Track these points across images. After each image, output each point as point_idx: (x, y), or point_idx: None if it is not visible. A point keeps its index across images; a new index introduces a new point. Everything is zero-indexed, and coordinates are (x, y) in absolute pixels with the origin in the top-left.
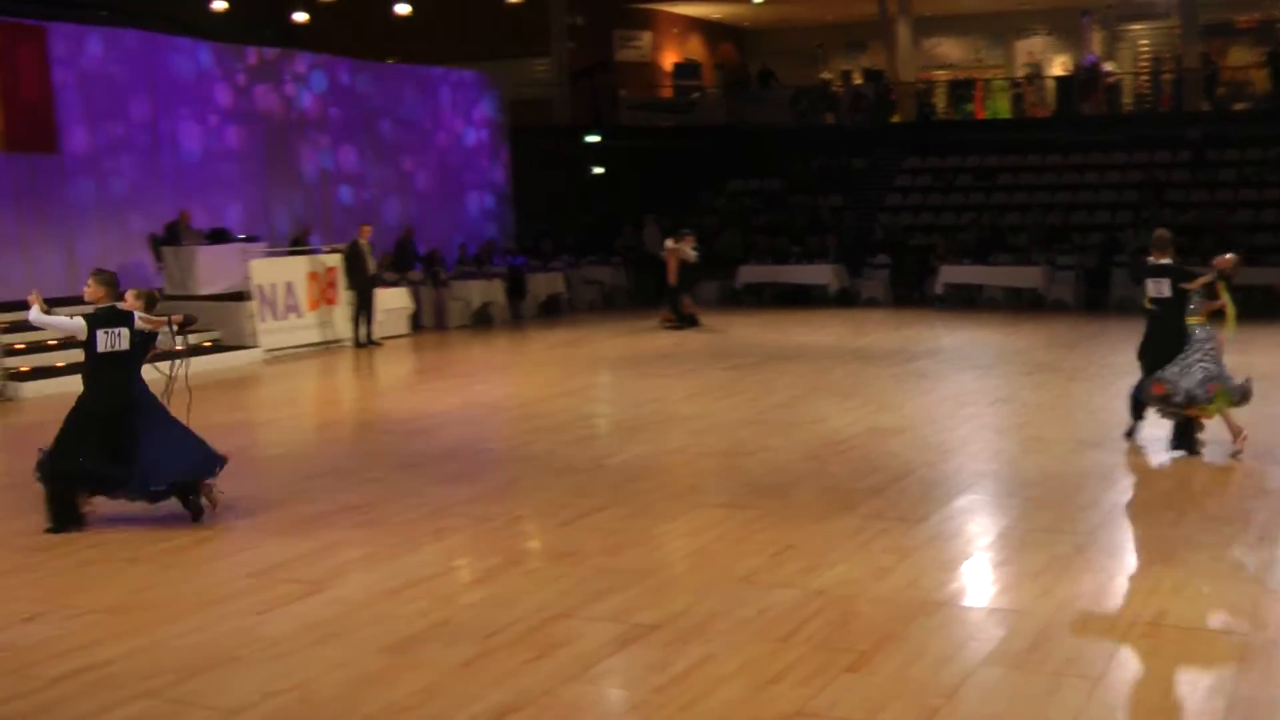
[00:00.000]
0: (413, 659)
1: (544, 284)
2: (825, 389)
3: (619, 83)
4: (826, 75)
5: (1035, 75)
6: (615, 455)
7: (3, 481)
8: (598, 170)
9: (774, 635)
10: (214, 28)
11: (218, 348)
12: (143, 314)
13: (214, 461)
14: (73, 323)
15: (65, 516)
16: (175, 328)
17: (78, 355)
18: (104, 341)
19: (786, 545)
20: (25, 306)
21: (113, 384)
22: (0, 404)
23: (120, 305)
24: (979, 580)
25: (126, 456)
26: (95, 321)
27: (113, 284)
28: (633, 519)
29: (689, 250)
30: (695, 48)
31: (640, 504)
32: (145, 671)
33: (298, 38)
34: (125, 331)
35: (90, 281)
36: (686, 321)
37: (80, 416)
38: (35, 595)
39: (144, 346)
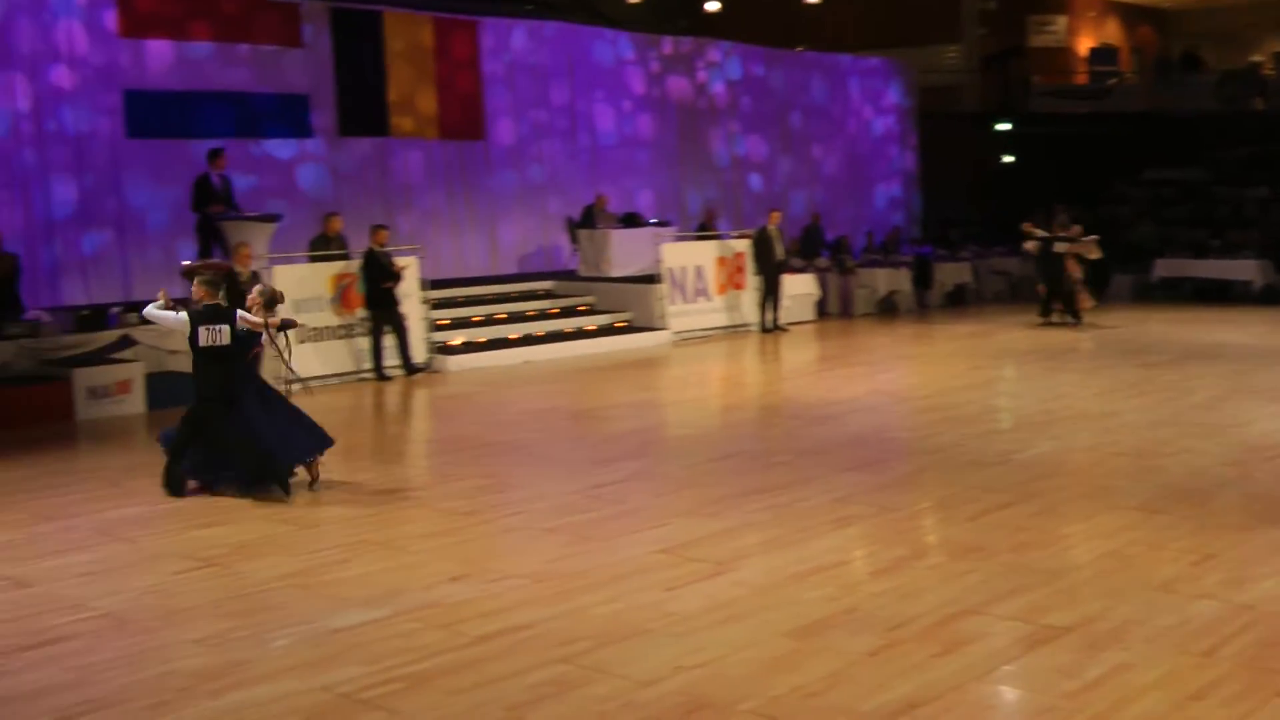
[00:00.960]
0: (818, 645)
1: (951, 273)
2: (1249, 391)
3: (1031, 69)
4: (1257, 58)
5: None
6: (1023, 450)
7: (430, 448)
8: (1007, 159)
9: (1196, 648)
10: (630, 18)
11: (629, 329)
12: (243, 313)
13: (322, 443)
14: (177, 318)
15: (174, 486)
16: (273, 331)
17: (497, 332)
18: (205, 337)
19: (1207, 554)
20: (454, 284)
21: (214, 377)
22: (428, 375)
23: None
24: None
25: (226, 448)
26: (198, 318)
27: (215, 284)
28: (1041, 517)
29: (1092, 248)
30: (1112, 31)
31: (1049, 502)
32: (562, 637)
33: (710, 26)
34: (226, 329)
35: (195, 284)
36: (1073, 317)
37: (192, 408)
38: (461, 557)
39: (246, 344)
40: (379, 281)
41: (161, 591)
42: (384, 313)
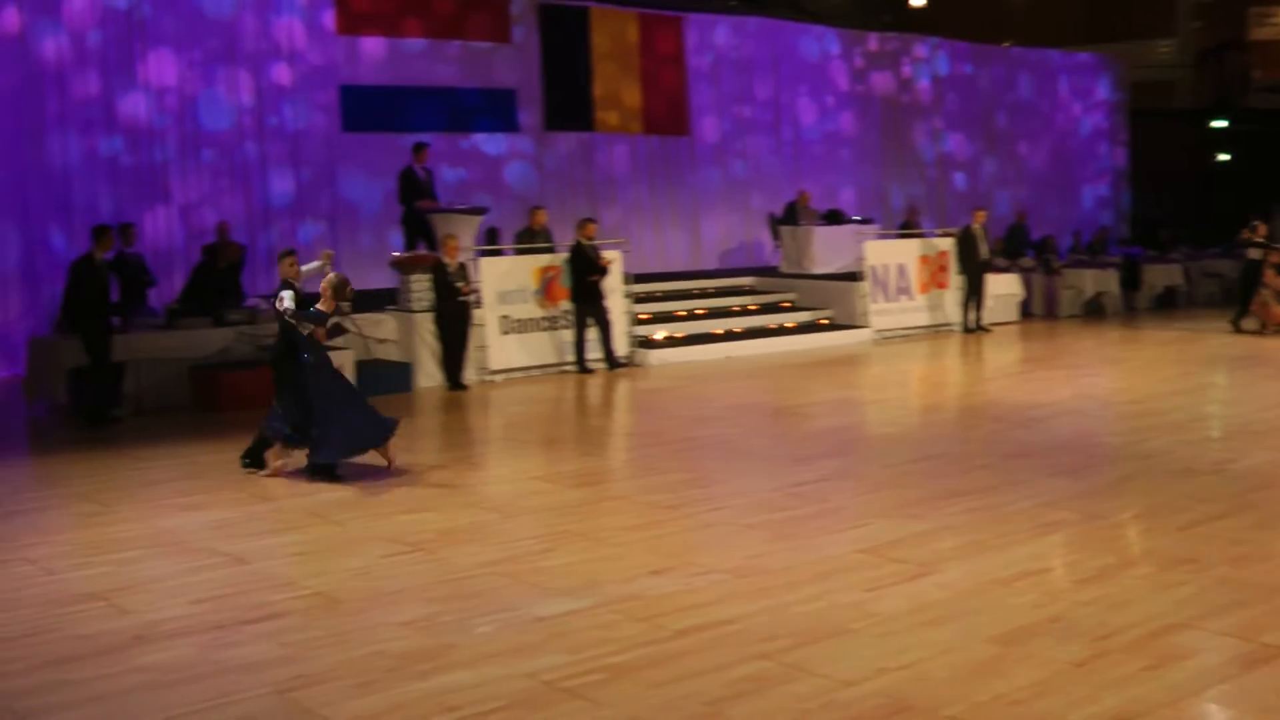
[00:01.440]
0: (1024, 652)
1: (1160, 275)
2: None
3: (1250, 63)
4: None
5: None
6: (1238, 460)
7: (632, 441)
8: (1223, 157)
9: None
10: (833, 13)
11: (831, 326)
12: (288, 306)
13: (389, 427)
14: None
15: (253, 457)
16: (320, 334)
17: (698, 327)
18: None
19: None
20: (655, 278)
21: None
22: (629, 369)
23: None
24: None
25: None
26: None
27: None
28: (1259, 530)
29: None
30: None
31: (1268, 514)
32: (763, 634)
33: (914, 22)
34: (285, 296)
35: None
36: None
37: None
38: (662, 550)
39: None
40: (585, 274)
41: (369, 574)
42: (589, 306)
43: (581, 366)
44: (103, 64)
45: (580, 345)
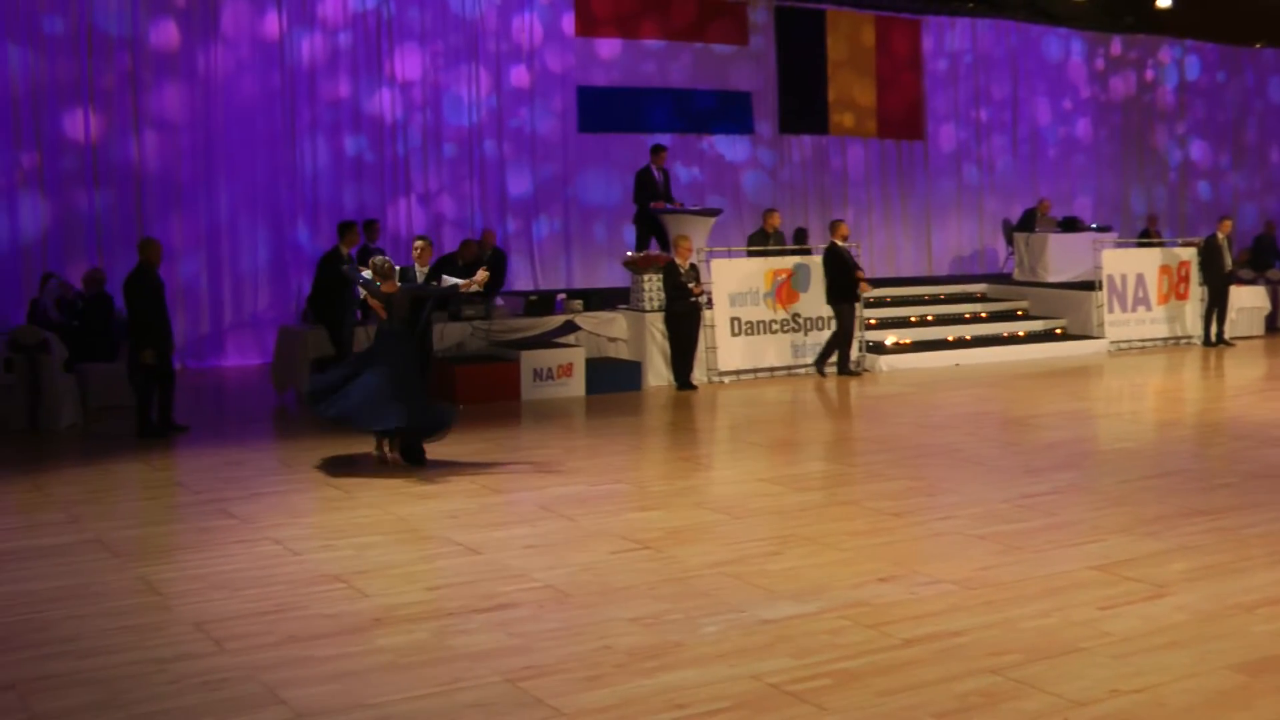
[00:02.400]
0: (1271, 683)
1: None
2: None
3: None
4: None
5: None
6: None
7: (861, 446)
8: None
9: None
10: (1074, 15)
11: (1064, 336)
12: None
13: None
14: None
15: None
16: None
17: (928, 333)
18: None
19: None
20: (886, 283)
21: None
22: (859, 375)
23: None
24: None
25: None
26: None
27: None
28: None
29: None
30: None
31: None
32: (992, 648)
33: (1158, 24)
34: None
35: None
36: None
37: None
38: (890, 558)
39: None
40: (841, 275)
41: (599, 569)
42: (845, 307)
43: (845, 367)
44: (352, 63)
45: (837, 347)
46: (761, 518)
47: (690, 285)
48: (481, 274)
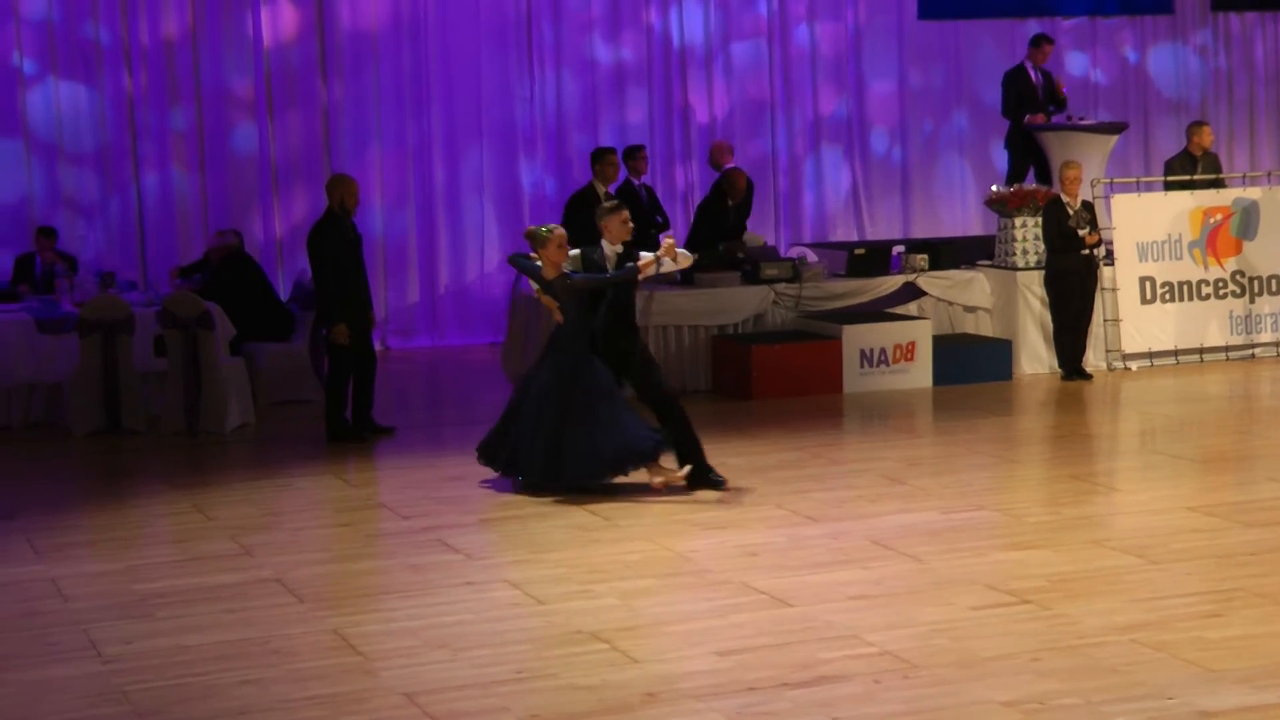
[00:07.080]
0: None
1: None
2: None
3: None
4: None
5: None
6: None
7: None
8: None
9: None
10: None
11: None
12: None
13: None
14: None
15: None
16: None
17: None
18: None
19: None
20: None
21: None
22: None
23: None
24: None
25: None
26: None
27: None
28: None
29: None
30: None
31: None
32: None
33: None
34: None
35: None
36: None
37: None
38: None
39: None
40: None
41: (957, 631)
42: None
43: None
44: None
45: None
46: (1192, 563)
47: (1082, 232)
48: (676, 252)
